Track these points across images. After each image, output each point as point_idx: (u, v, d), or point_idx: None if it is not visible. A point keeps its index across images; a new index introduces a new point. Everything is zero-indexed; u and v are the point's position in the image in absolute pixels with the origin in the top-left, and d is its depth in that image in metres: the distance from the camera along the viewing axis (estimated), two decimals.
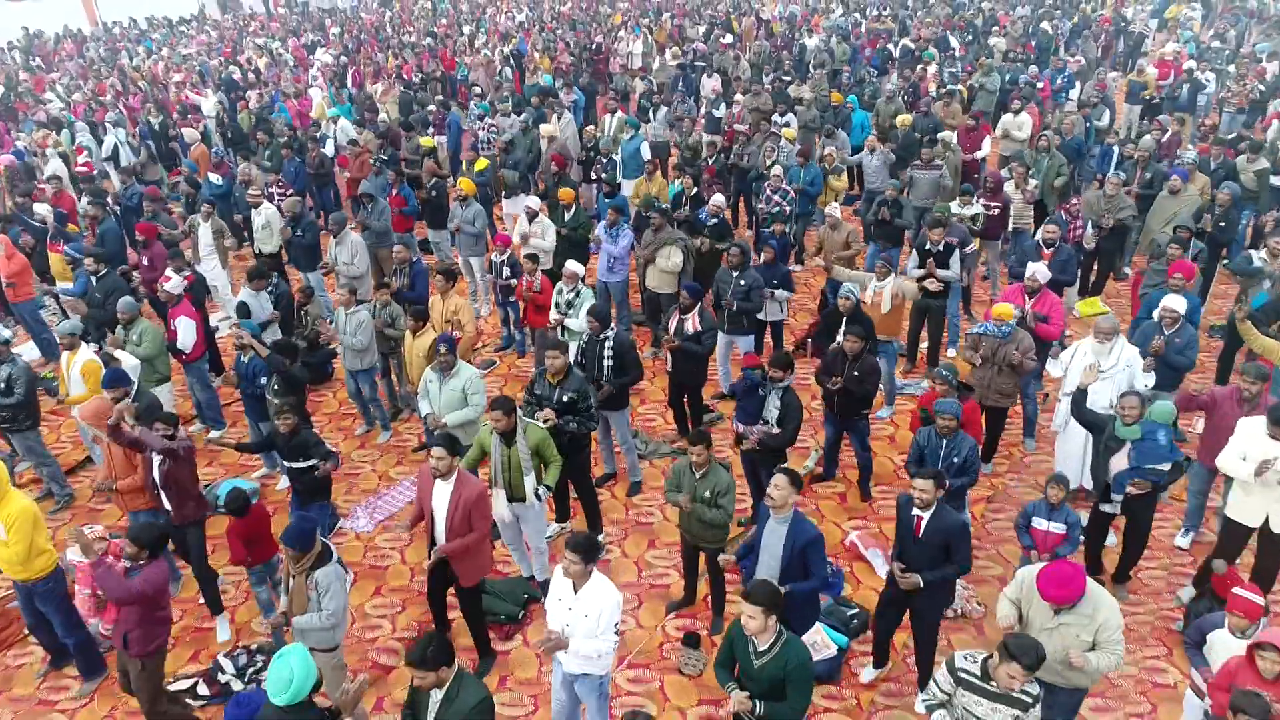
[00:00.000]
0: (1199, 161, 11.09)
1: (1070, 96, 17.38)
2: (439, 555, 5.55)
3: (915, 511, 5.27)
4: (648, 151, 12.91)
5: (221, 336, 11.25)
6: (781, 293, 8.91)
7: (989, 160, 13.77)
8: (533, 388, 6.81)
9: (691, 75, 19.41)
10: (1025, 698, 4.16)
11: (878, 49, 20.02)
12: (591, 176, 13.01)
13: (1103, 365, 6.85)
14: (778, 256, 9.07)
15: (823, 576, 5.23)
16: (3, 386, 7.31)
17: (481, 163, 12.55)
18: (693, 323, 7.88)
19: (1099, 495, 6.31)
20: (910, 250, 9.26)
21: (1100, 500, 6.30)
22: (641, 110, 16.85)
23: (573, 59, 21.56)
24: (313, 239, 10.58)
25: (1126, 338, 7.29)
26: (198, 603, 6.75)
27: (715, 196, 10.27)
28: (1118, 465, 6.18)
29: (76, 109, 18.88)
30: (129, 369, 7.79)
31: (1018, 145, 13.50)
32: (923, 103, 15.11)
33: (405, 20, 31.54)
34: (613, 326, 7.38)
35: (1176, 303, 7.32)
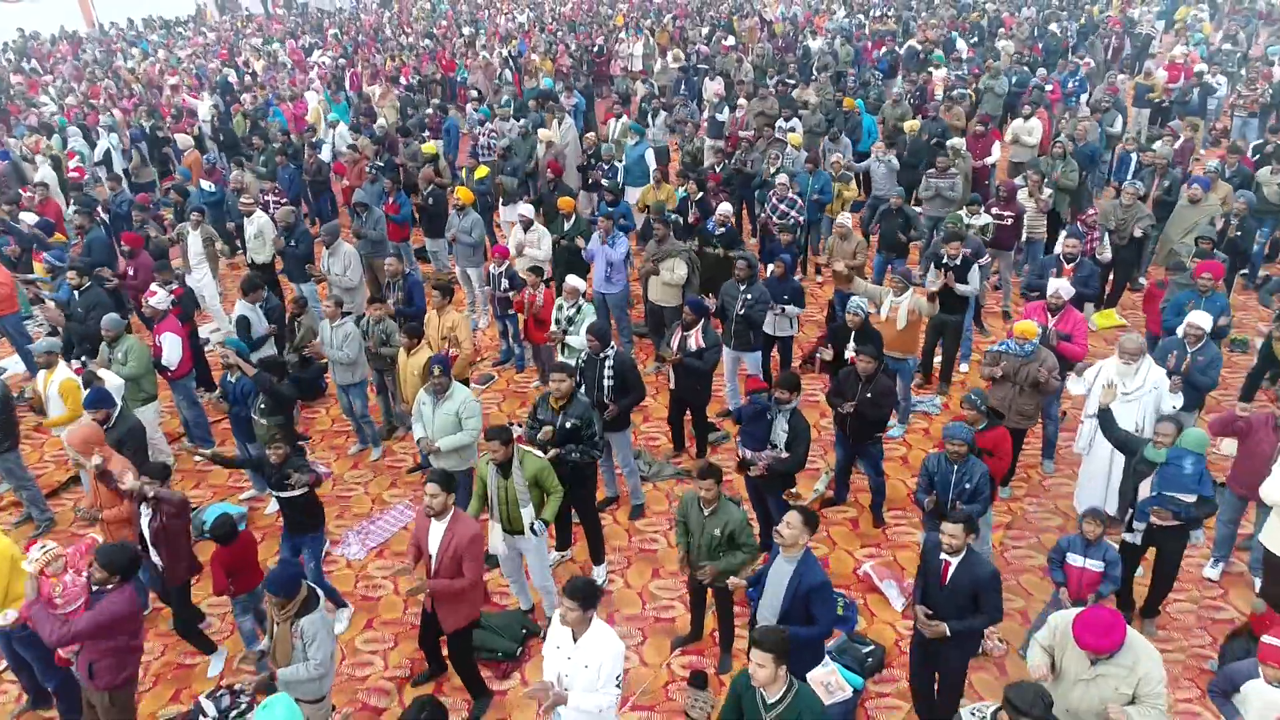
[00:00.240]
0: (1217, 169, 10.75)
1: (1081, 99, 17.11)
2: (417, 592, 5.23)
3: (943, 556, 4.95)
4: (653, 158, 12.58)
5: (211, 348, 10.96)
6: (791, 308, 8.59)
7: (998, 167, 13.46)
8: (535, 413, 6.49)
9: (694, 78, 19.09)
10: None
11: (885, 51, 19.66)
12: (590, 182, 12.68)
13: (1127, 387, 6.53)
14: (788, 269, 8.75)
15: (827, 624, 4.91)
16: None
17: (482, 170, 12.22)
18: (696, 339, 7.58)
19: (1123, 522, 6.00)
20: (924, 265, 8.91)
21: (1124, 528, 6.00)
22: (641, 114, 16.54)
23: (573, 61, 21.26)
24: (307, 250, 10.25)
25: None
26: (178, 636, 6.42)
27: (722, 205, 9.95)
28: (1145, 492, 5.90)
29: (70, 112, 18.59)
30: (113, 389, 7.47)
31: (1028, 151, 13.19)
32: (930, 107, 14.80)
33: (404, 21, 31.21)
34: (614, 345, 7.06)
35: (1202, 319, 7.02)
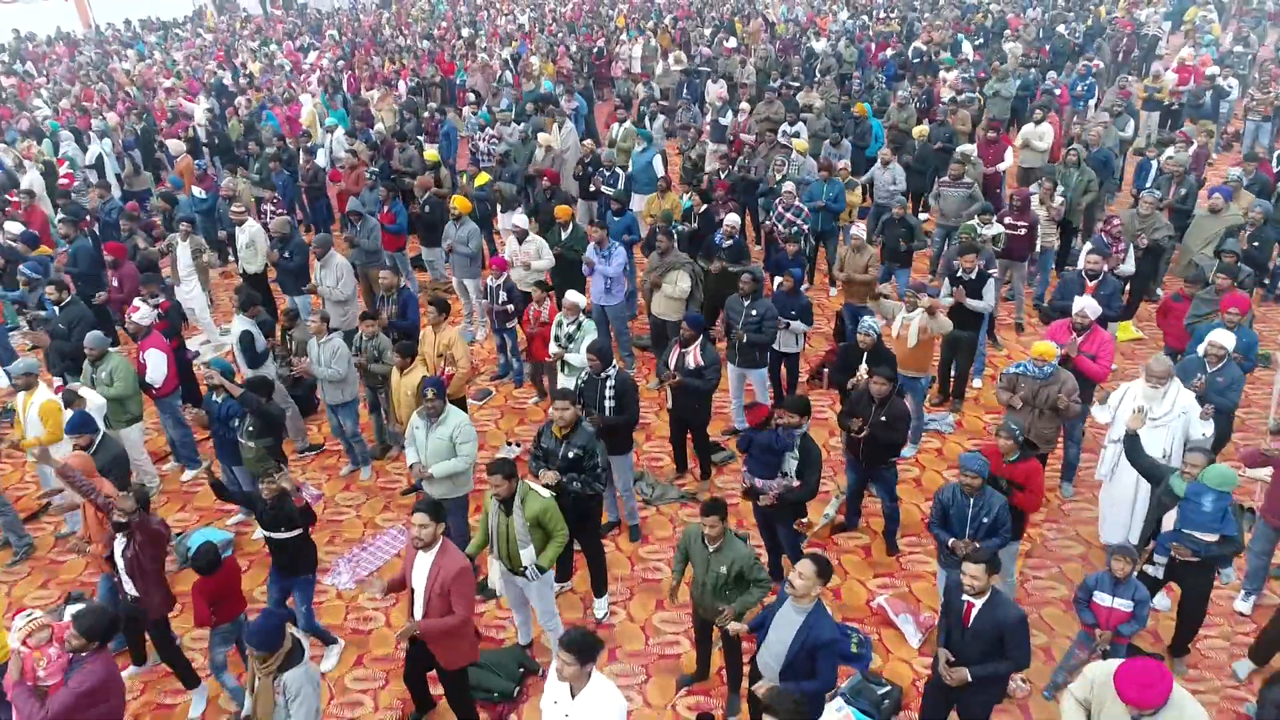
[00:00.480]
0: (1239, 178, 10.40)
1: (1090, 103, 16.79)
2: (407, 634, 4.93)
3: (965, 598, 4.65)
4: (660, 165, 12.26)
5: (200, 361, 10.66)
6: (798, 324, 8.28)
7: (1008, 174, 13.15)
8: (540, 440, 6.19)
9: (696, 81, 18.77)
10: None
11: (894, 54, 19.32)
12: (590, 190, 12.38)
13: (1154, 412, 6.22)
14: (796, 284, 8.42)
15: (830, 680, 4.61)
16: None
17: (483, 177, 11.89)
18: (694, 356, 7.28)
19: (1144, 551, 5.71)
20: (942, 276, 8.58)
21: (1145, 559, 5.71)
22: (639, 118, 16.21)
23: (574, 63, 20.94)
24: (302, 262, 9.91)
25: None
26: (161, 674, 6.13)
27: (729, 216, 9.61)
28: (1169, 525, 5.61)
29: (63, 116, 18.29)
30: (95, 409, 7.18)
31: (1038, 156, 12.87)
32: (938, 110, 14.49)
33: (402, 23, 30.87)
34: (615, 364, 6.75)
35: (1225, 339, 6.71)
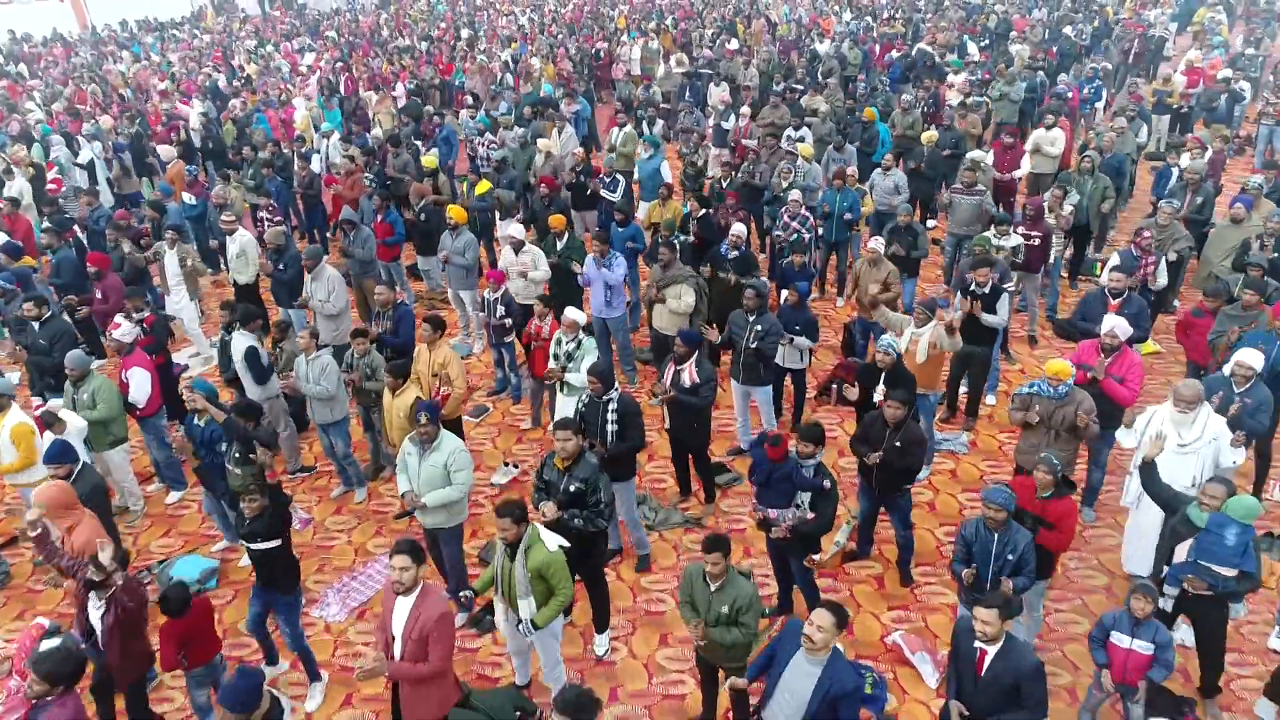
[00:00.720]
0: (1260, 186, 10.08)
1: (1097, 106, 16.50)
2: (371, 675, 4.61)
3: (978, 644, 4.36)
4: (669, 172, 11.95)
5: (189, 375, 10.37)
6: (802, 340, 7.96)
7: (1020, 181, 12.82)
8: (541, 472, 5.87)
9: (698, 84, 18.44)
10: None
11: (900, 55, 18.99)
12: (589, 194, 12.07)
13: (1184, 438, 5.92)
14: (802, 298, 8.12)
15: None
16: None
17: (483, 185, 11.56)
18: (689, 373, 6.97)
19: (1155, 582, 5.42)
20: (957, 288, 8.27)
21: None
22: (637, 122, 15.91)
23: (574, 65, 20.62)
24: (296, 273, 9.57)
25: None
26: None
27: (735, 226, 9.30)
28: (1181, 556, 5.31)
29: (56, 118, 17.97)
30: (75, 431, 6.90)
31: (1049, 162, 12.54)
32: (945, 114, 14.17)
33: (401, 23, 30.52)
34: (617, 387, 6.44)
35: (1253, 358, 6.41)
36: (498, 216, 11.72)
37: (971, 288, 7.91)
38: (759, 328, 7.56)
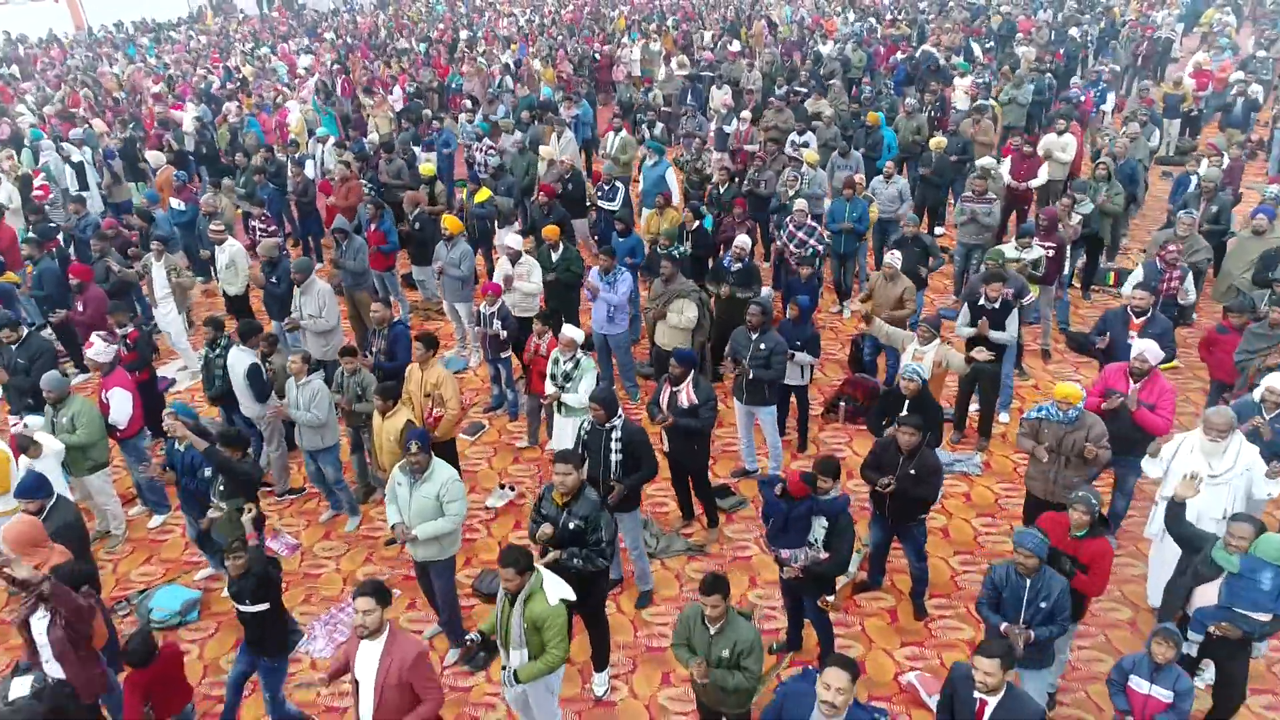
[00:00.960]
0: (1274, 196, 9.78)
1: (1104, 109, 16.19)
2: None
3: (978, 695, 4.11)
4: (674, 180, 11.64)
5: (178, 390, 10.09)
6: (804, 356, 7.65)
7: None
8: (539, 506, 5.56)
9: (699, 86, 18.13)
10: None
11: (904, 58, 18.66)
12: (576, 203, 11.75)
13: (1215, 468, 5.62)
14: (804, 313, 7.82)
15: None
16: None
17: (483, 193, 11.22)
18: (687, 394, 6.67)
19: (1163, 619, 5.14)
20: (966, 299, 7.97)
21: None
22: (635, 126, 15.61)
23: (573, 67, 20.29)
24: (289, 287, 9.24)
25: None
26: None
27: (739, 237, 8.99)
28: (1205, 597, 5.01)
29: (48, 122, 17.67)
30: (52, 455, 6.61)
31: (1061, 169, 12.22)
32: (952, 119, 13.85)
33: (400, 25, 30.18)
34: (621, 414, 6.14)
35: None
36: (496, 225, 11.43)
37: (980, 302, 7.62)
38: (763, 346, 7.26)
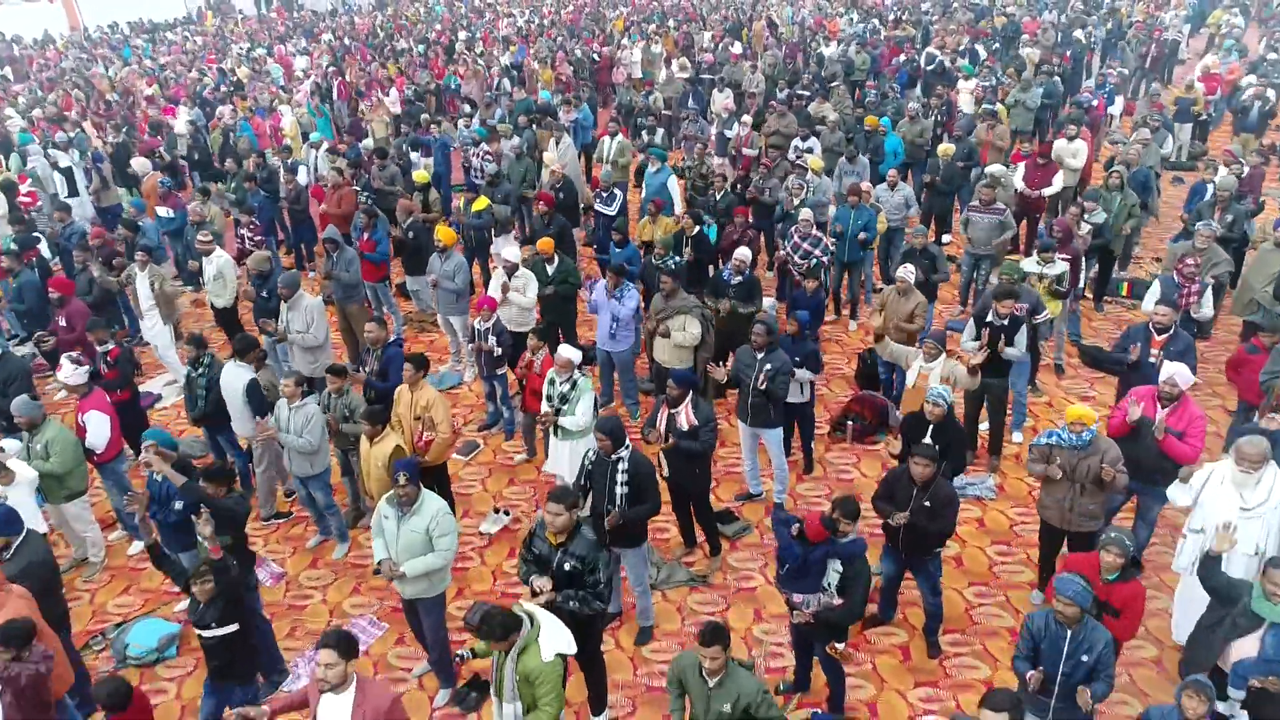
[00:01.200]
0: None
1: (1112, 113, 15.88)
2: None
3: None
4: (676, 188, 11.33)
5: (164, 406, 9.79)
6: (804, 373, 7.32)
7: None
8: (530, 544, 5.24)
9: (700, 90, 17.81)
10: None
11: (906, 60, 18.34)
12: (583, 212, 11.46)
13: (1247, 501, 5.32)
14: (804, 327, 7.51)
15: None
16: None
17: (481, 201, 10.91)
18: (686, 416, 6.36)
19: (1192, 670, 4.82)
20: (979, 310, 7.67)
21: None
22: (636, 131, 15.30)
23: (573, 69, 19.96)
24: (280, 302, 8.97)
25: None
26: None
27: (739, 250, 8.68)
28: (1244, 650, 4.69)
29: (37, 126, 17.37)
30: (25, 483, 6.31)
31: (1072, 176, 11.91)
32: (960, 125, 13.50)
33: (399, 26, 29.84)
34: (628, 444, 5.82)
35: None
36: (493, 234, 11.13)
37: (989, 319, 7.32)
38: (769, 366, 6.94)
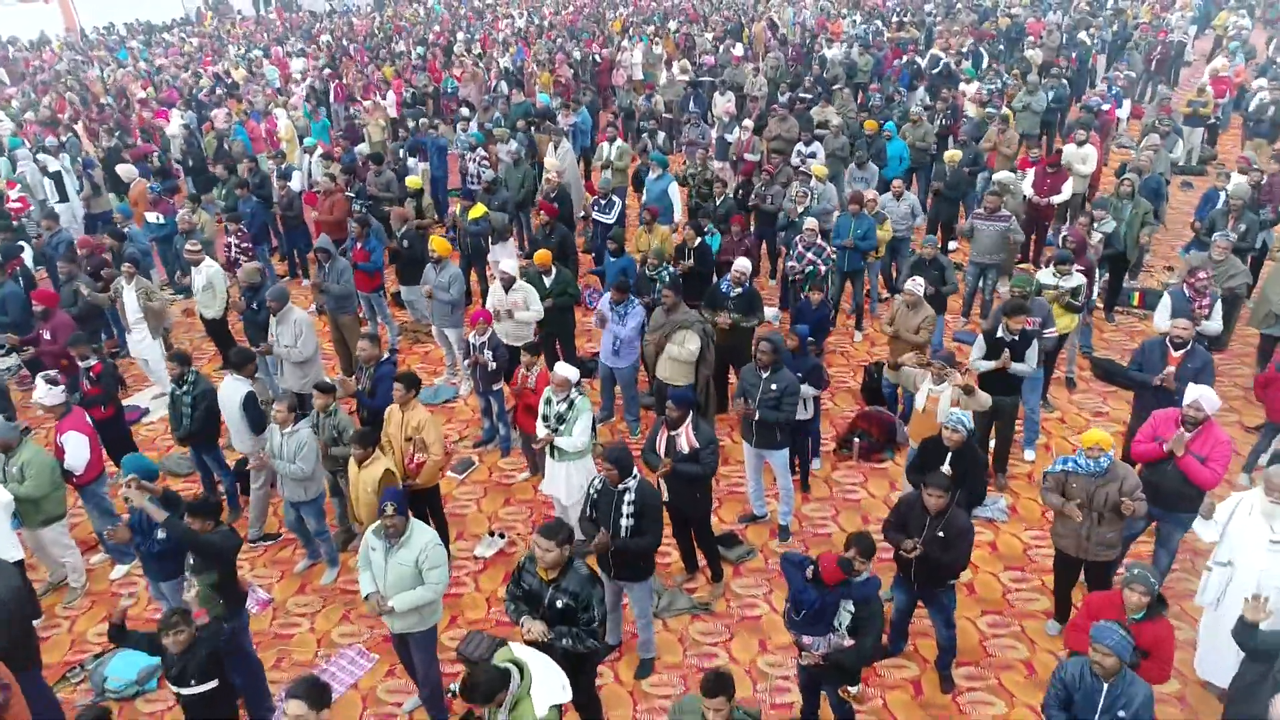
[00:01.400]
0: None
1: (1120, 117, 15.62)
2: None
3: None
4: (678, 195, 11.06)
5: (152, 420, 9.54)
6: (807, 389, 7.09)
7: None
8: (520, 578, 4.98)
9: (701, 92, 17.55)
10: None
11: (908, 61, 18.07)
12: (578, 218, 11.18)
13: (1277, 533, 5.08)
14: (805, 341, 7.26)
15: None
16: None
17: (478, 209, 10.63)
18: (686, 438, 6.12)
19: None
20: (992, 323, 7.41)
21: None
22: (636, 134, 15.02)
23: (573, 70, 19.70)
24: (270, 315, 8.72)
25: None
26: None
27: (738, 261, 8.42)
28: None
29: (28, 130, 17.10)
30: (1, 507, 6.07)
31: (1081, 182, 11.66)
32: (965, 130, 13.23)
33: (396, 27, 29.57)
34: (636, 474, 5.55)
35: None
36: (490, 242, 10.87)
37: (1000, 334, 7.07)
38: (774, 386, 6.69)
